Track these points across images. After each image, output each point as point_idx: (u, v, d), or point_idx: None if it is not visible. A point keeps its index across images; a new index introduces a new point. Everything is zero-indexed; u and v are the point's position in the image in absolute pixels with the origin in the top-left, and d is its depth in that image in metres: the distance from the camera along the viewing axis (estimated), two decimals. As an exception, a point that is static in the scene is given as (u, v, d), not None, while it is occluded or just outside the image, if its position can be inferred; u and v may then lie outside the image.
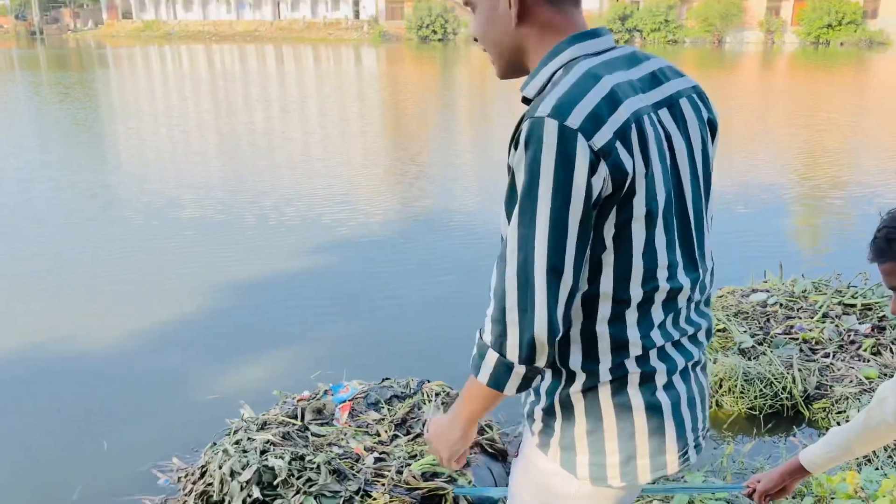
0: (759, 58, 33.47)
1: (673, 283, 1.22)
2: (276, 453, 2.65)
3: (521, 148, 1.09)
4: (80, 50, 39.38)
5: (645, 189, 1.13)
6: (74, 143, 11.67)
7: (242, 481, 2.53)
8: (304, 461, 2.63)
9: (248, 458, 2.62)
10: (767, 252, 5.78)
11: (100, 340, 4.44)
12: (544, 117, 1.06)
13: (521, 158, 1.09)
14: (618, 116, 1.09)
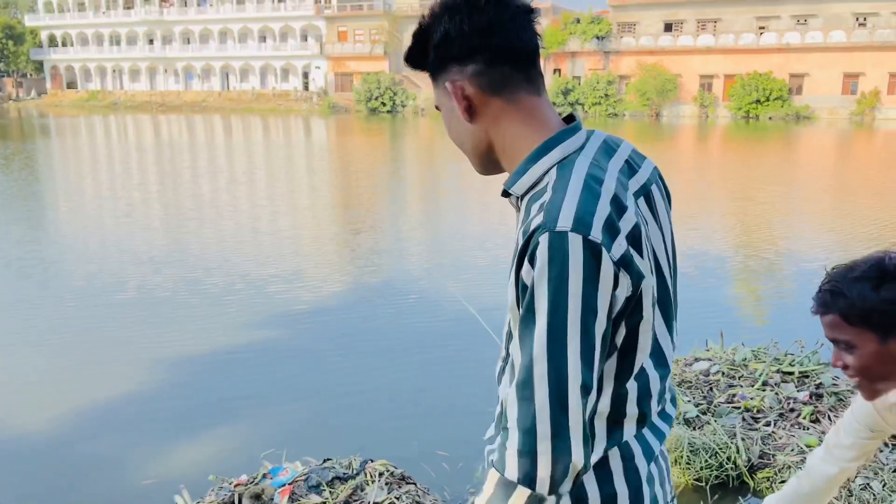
0: (694, 131, 35.04)
1: (662, 371, 1.22)
2: None
3: (543, 264, 1.03)
4: (21, 119, 38.75)
5: (649, 286, 1.11)
6: (11, 217, 11.32)
7: None
8: None
9: None
10: (708, 320, 5.90)
11: (31, 423, 4.21)
12: (567, 232, 1.02)
13: (544, 275, 1.03)
14: (626, 222, 1.07)
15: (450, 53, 1.17)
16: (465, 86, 1.17)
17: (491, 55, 1.15)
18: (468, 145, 1.23)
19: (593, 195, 1.06)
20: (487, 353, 2.21)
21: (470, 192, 14.67)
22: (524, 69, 1.17)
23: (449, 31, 1.15)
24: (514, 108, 1.18)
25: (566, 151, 1.15)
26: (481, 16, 1.14)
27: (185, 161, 19.95)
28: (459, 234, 10.16)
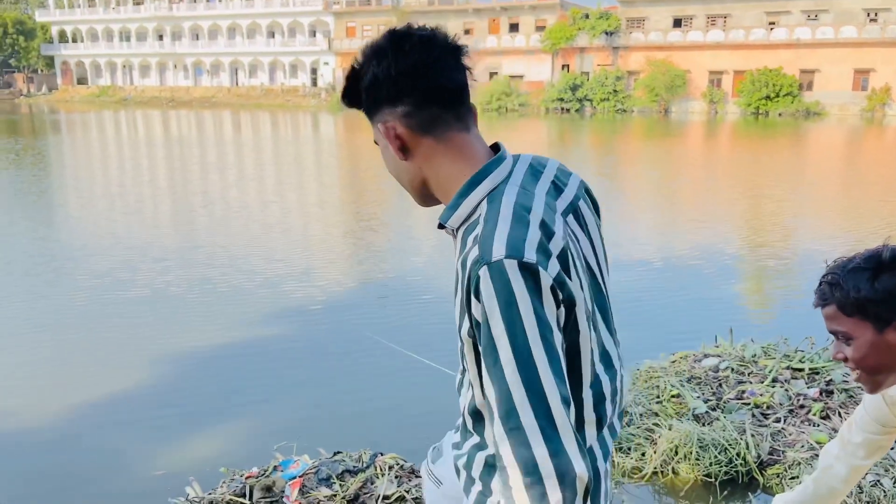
0: (703, 127, 34.90)
1: (611, 374, 1.28)
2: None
3: (489, 296, 1.06)
4: (32, 115, 38.97)
5: (582, 301, 1.16)
6: (22, 213, 11.40)
7: None
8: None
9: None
10: (717, 317, 5.89)
11: (42, 416, 4.25)
12: (502, 259, 1.06)
13: (494, 307, 1.06)
14: (555, 246, 1.12)
15: (380, 96, 1.22)
16: (396, 126, 1.22)
17: (419, 97, 1.20)
18: (405, 180, 1.30)
19: (523, 223, 1.11)
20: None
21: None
22: (452, 108, 1.22)
23: (377, 74, 1.20)
24: (444, 146, 1.23)
25: (495, 182, 1.20)
26: (407, 59, 1.18)
27: (195, 157, 20.02)
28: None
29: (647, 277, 7.50)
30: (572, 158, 20.95)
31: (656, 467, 3.52)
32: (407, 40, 1.19)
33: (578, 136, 28.86)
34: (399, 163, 1.27)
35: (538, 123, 36.27)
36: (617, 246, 9.06)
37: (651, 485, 3.48)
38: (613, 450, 1.33)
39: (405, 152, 1.24)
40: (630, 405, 3.98)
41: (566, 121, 38.13)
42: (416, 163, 1.25)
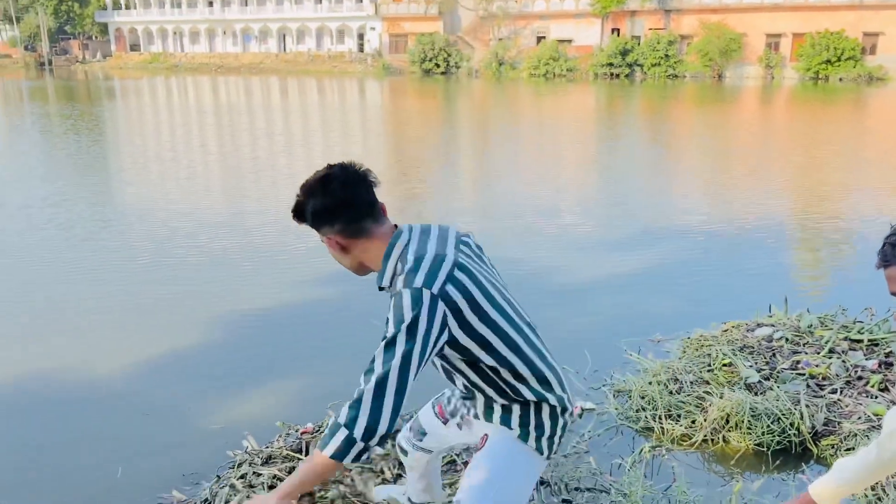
0: (758, 93, 33.80)
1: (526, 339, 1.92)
2: None
3: (402, 310, 1.70)
4: (88, 81, 39.86)
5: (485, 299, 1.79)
6: (81, 178, 11.74)
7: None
8: (313, 497, 2.60)
9: (258, 492, 2.60)
10: (771, 286, 5.78)
11: (104, 371, 4.43)
12: (421, 288, 1.70)
13: (402, 318, 1.69)
14: (445, 269, 1.76)
15: (319, 221, 1.82)
16: (335, 238, 1.84)
17: (345, 220, 1.80)
18: (346, 265, 1.93)
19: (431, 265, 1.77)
20: (534, 313, 2.24)
21: (524, 156, 14.56)
22: (370, 216, 1.83)
23: (315, 208, 1.79)
24: (369, 240, 1.85)
25: (399, 249, 1.83)
26: (332, 197, 1.78)
27: (244, 123, 20.27)
28: (513, 197, 10.11)
29: (699, 246, 7.37)
30: (622, 126, 20.57)
31: (706, 435, 3.50)
32: (329, 183, 1.78)
33: (628, 103, 28.26)
34: (341, 256, 1.90)
35: (586, 89, 35.60)
36: (668, 215, 8.91)
37: (700, 452, 3.47)
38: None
39: (345, 251, 1.87)
40: (680, 373, 3.96)
41: (615, 86, 37.34)
42: (354, 254, 1.87)
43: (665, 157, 14.30)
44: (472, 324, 1.76)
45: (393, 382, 1.67)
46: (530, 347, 1.88)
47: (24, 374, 4.37)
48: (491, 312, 1.79)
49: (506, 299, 1.89)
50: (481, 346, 1.79)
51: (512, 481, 1.90)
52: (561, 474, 3.28)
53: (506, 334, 1.82)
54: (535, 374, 1.87)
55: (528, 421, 1.89)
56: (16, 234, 7.74)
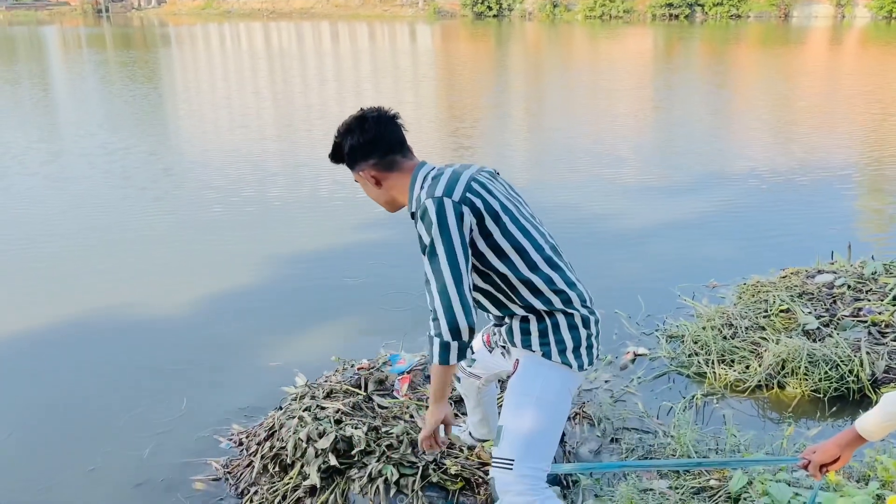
0: (828, 33, 32.12)
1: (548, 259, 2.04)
2: (352, 423, 2.71)
3: (429, 217, 1.86)
4: (143, 28, 40.33)
5: (503, 212, 1.94)
6: (139, 127, 11.99)
7: (319, 448, 2.59)
8: (378, 433, 2.69)
9: (324, 426, 2.68)
10: (834, 232, 5.60)
11: (166, 309, 4.61)
12: (442, 197, 1.87)
13: (431, 223, 1.85)
14: (462, 184, 1.92)
15: (355, 157, 2.03)
16: (370, 171, 2.03)
17: (380, 154, 2.01)
18: (381, 200, 2.12)
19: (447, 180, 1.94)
20: (588, 258, 2.22)
21: (579, 101, 14.25)
22: (401, 151, 2.03)
23: (352, 145, 2.02)
24: (400, 173, 2.03)
25: (422, 176, 2.00)
26: (368, 133, 1.99)
27: (296, 69, 20.29)
28: (567, 143, 9.95)
29: (759, 192, 7.16)
30: (682, 70, 19.89)
31: (760, 381, 3.47)
32: (365, 121, 2.00)
33: (688, 45, 27.22)
34: (375, 191, 2.08)
35: (644, 31, 34.38)
36: (727, 160, 8.66)
37: (754, 398, 3.44)
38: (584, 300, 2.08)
39: (378, 185, 2.05)
40: (735, 318, 3.90)
41: (674, 28, 35.94)
42: (387, 188, 2.06)
43: (726, 101, 13.81)
44: (492, 232, 1.91)
45: (450, 280, 1.84)
46: (548, 264, 1.99)
47: (89, 310, 4.58)
48: (509, 225, 1.93)
49: (526, 217, 2.01)
50: (498, 255, 1.94)
51: (544, 398, 2.02)
52: (608, 414, 3.31)
53: (522, 248, 1.95)
54: (552, 290, 1.98)
55: (547, 339, 2.00)
56: (75, 181, 7.99)
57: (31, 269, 5.31)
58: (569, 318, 2.00)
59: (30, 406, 3.54)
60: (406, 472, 2.54)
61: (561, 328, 2.00)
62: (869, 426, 1.70)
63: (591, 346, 2.06)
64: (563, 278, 2.01)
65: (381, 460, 2.57)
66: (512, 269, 1.95)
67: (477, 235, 1.90)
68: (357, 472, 2.56)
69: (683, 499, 2.60)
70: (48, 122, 11.86)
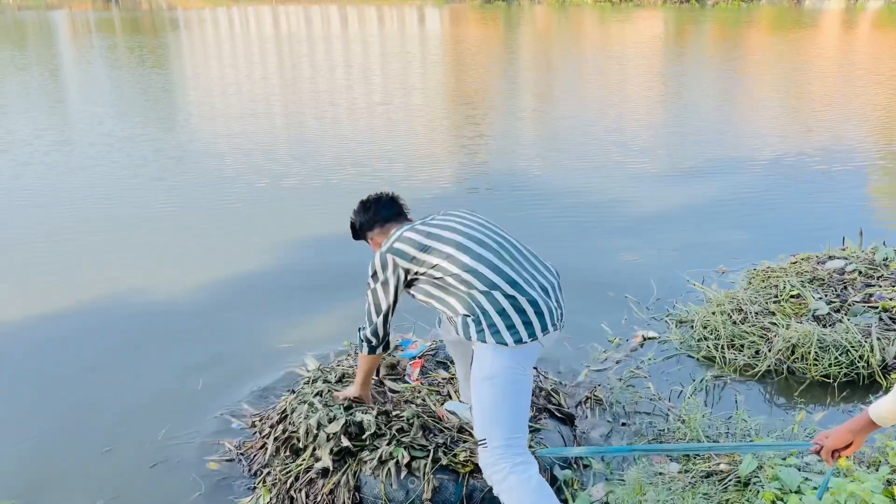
0: (841, 17, 31.75)
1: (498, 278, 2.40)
2: (362, 409, 2.75)
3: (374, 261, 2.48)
4: (152, 12, 40.27)
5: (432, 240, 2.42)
6: (151, 113, 12.01)
7: (330, 432, 2.63)
8: (388, 416, 2.72)
9: (334, 411, 2.72)
10: (845, 218, 5.57)
11: (179, 293, 4.65)
12: (380, 254, 2.47)
13: (374, 264, 2.48)
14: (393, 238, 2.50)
15: (363, 230, 2.71)
16: (375, 238, 2.67)
17: (380, 225, 2.66)
18: None
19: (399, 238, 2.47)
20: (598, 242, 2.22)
21: (589, 85, 14.17)
22: (396, 220, 2.65)
23: (361, 222, 2.71)
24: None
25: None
26: (371, 213, 2.68)
27: (304, 55, 20.24)
28: (578, 127, 9.91)
29: (769, 177, 7.13)
30: (693, 53, 19.74)
31: (770, 366, 3.48)
32: (369, 204, 2.69)
33: (700, 29, 26.98)
34: None
35: (655, 14, 34.07)
36: (738, 145, 8.61)
37: (764, 383, 3.45)
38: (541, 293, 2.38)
39: (377, 247, 2.58)
40: (744, 303, 3.90)
41: (685, 11, 35.60)
42: None
43: (737, 86, 13.70)
44: (419, 257, 2.39)
45: (373, 308, 2.51)
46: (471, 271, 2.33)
47: (103, 295, 4.63)
48: (440, 247, 2.38)
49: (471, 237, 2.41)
50: (431, 266, 2.38)
51: (494, 377, 2.29)
52: (618, 398, 3.33)
53: (453, 258, 2.35)
54: (478, 290, 2.30)
55: (481, 326, 2.27)
56: (85, 168, 8.03)
57: (44, 256, 5.35)
58: (495, 305, 2.27)
59: (49, 388, 3.59)
60: (417, 454, 2.57)
61: (490, 314, 2.27)
62: (882, 412, 1.71)
63: (529, 322, 2.28)
64: (486, 274, 2.33)
65: (392, 443, 2.59)
66: (446, 273, 2.35)
67: (406, 264, 2.41)
68: (368, 455, 2.59)
69: (693, 482, 2.62)
70: (57, 109, 11.89)
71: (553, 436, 2.86)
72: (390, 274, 2.43)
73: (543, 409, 2.98)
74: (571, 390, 3.40)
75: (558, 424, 2.96)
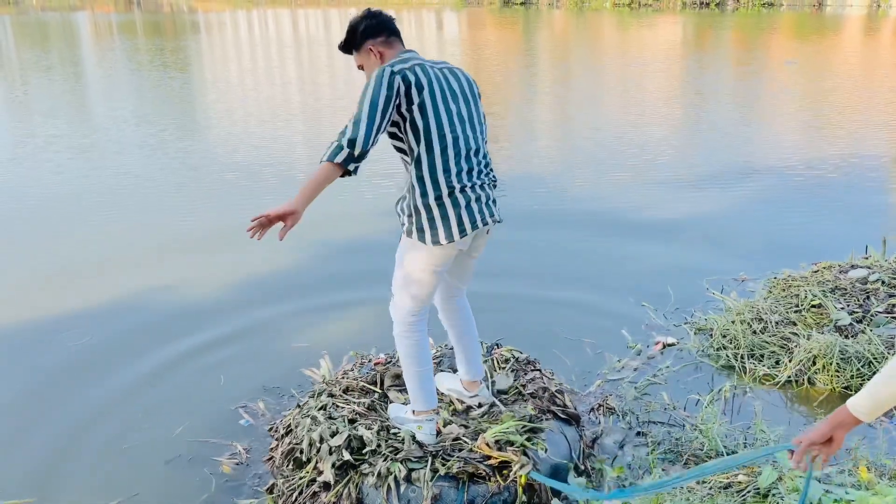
0: (863, 23, 31.42)
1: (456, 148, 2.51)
2: (365, 423, 2.75)
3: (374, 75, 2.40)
4: (174, 14, 40.66)
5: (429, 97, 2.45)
6: (172, 119, 12.11)
7: (333, 446, 2.64)
8: (388, 432, 2.72)
9: (337, 425, 2.73)
10: (869, 227, 5.49)
11: (196, 290, 4.68)
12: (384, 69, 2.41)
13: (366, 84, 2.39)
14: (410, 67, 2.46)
15: (367, 35, 2.58)
16: (377, 47, 2.58)
17: (385, 34, 2.59)
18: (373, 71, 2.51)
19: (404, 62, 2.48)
20: (618, 248, 2.19)
21: (609, 90, 14.11)
22: (398, 37, 2.62)
23: (367, 25, 2.58)
24: (393, 51, 2.59)
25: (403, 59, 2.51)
26: (378, 19, 2.61)
27: (323, 58, 20.33)
28: (598, 132, 9.86)
29: (791, 184, 7.05)
30: (714, 59, 19.60)
31: (790, 376, 3.43)
32: (374, 12, 2.61)
33: (720, 34, 26.80)
34: (375, 65, 2.56)
35: (674, 19, 33.90)
36: (760, 152, 8.53)
37: (783, 393, 3.40)
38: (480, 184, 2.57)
39: (381, 60, 2.56)
40: (765, 312, 3.85)
41: (705, 16, 35.40)
42: (383, 62, 2.55)
43: (760, 92, 13.58)
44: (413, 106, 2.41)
45: (366, 112, 2.32)
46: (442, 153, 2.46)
47: (126, 293, 4.66)
48: (429, 107, 2.43)
49: (457, 113, 2.50)
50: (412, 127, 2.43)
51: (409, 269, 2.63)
52: (633, 406, 3.29)
53: (429, 130, 2.44)
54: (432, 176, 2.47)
55: (412, 226, 2.53)
56: (108, 171, 8.10)
57: (66, 254, 5.40)
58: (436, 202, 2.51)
59: (70, 385, 3.61)
60: (414, 466, 2.57)
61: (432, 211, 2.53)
62: (861, 406, 1.65)
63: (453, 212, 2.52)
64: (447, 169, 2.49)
65: (388, 459, 2.59)
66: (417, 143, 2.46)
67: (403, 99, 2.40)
68: (369, 468, 2.59)
69: (711, 493, 2.58)
70: (79, 112, 12.01)
71: (556, 437, 2.82)
72: (393, 87, 2.36)
73: (547, 409, 2.95)
74: (583, 397, 3.38)
75: (562, 425, 2.91)
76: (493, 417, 2.86)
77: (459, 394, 2.98)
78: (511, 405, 2.96)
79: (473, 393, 2.96)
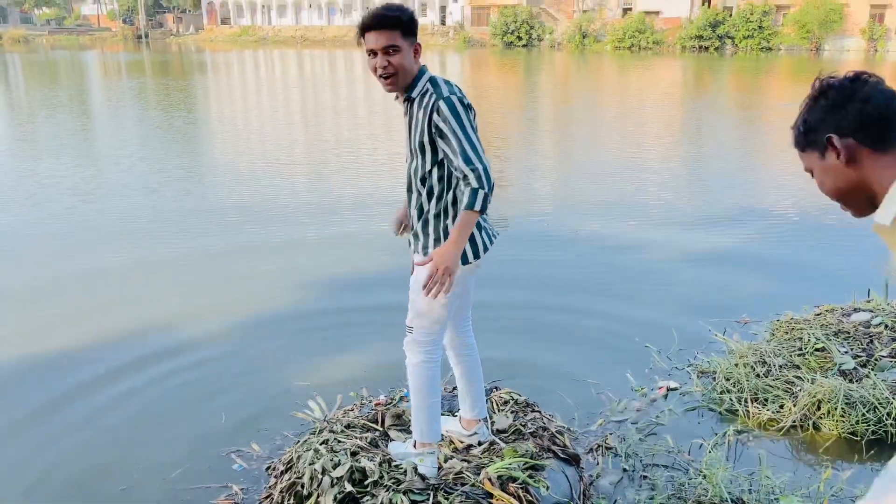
0: (860, 66, 31.85)
1: None
2: (367, 456, 2.72)
3: (445, 111, 2.39)
4: (181, 54, 41.32)
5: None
6: (175, 152, 12.23)
7: (335, 477, 2.60)
8: (390, 465, 2.69)
9: (339, 457, 2.70)
10: (871, 270, 5.49)
11: (203, 329, 4.66)
12: (452, 97, 2.42)
13: (448, 115, 2.38)
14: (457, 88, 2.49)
15: (414, 25, 2.53)
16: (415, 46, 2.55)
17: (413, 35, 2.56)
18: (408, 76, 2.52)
19: (451, 85, 2.49)
20: (620, 289, 2.20)
21: (609, 131, 14.26)
22: None
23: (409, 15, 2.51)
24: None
25: (430, 75, 2.51)
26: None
27: (328, 98, 20.60)
28: (597, 174, 9.93)
29: (792, 226, 7.08)
30: (712, 102, 19.84)
31: (795, 421, 3.39)
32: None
33: (719, 77, 27.19)
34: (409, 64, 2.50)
35: (673, 63, 34.42)
36: (760, 194, 8.58)
37: (788, 438, 3.37)
38: None
39: (417, 56, 2.55)
40: (768, 356, 3.83)
41: (704, 60, 35.95)
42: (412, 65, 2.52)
43: (758, 134, 13.72)
44: None
45: (476, 145, 2.37)
46: None
47: (123, 331, 4.64)
48: None
49: None
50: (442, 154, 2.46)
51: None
52: (636, 450, 3.26)
53: None
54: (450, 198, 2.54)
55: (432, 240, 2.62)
56: (112, 208, 8.15)
57: (67, 293, 5.40)
58: None
59: (69, 425, 3.58)
60: (417, 498, 2.53)
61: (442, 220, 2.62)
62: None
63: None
64: None
65: (390, 490, 2.56)
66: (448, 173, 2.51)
67: None
68: (371, 500, 2.55)
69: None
70: (85, 152, 12.14)
71: (557, 476, 2.80)
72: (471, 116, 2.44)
73: (547, 448, 2.93)
74: (582, 437, 3.35)
75: (563, 465, 2.89)
76: (494, 454, 2.84)
77: (459, 434, 2.96)
78: (511, 444, 2.94)
79: (472, 431, 2.94)
